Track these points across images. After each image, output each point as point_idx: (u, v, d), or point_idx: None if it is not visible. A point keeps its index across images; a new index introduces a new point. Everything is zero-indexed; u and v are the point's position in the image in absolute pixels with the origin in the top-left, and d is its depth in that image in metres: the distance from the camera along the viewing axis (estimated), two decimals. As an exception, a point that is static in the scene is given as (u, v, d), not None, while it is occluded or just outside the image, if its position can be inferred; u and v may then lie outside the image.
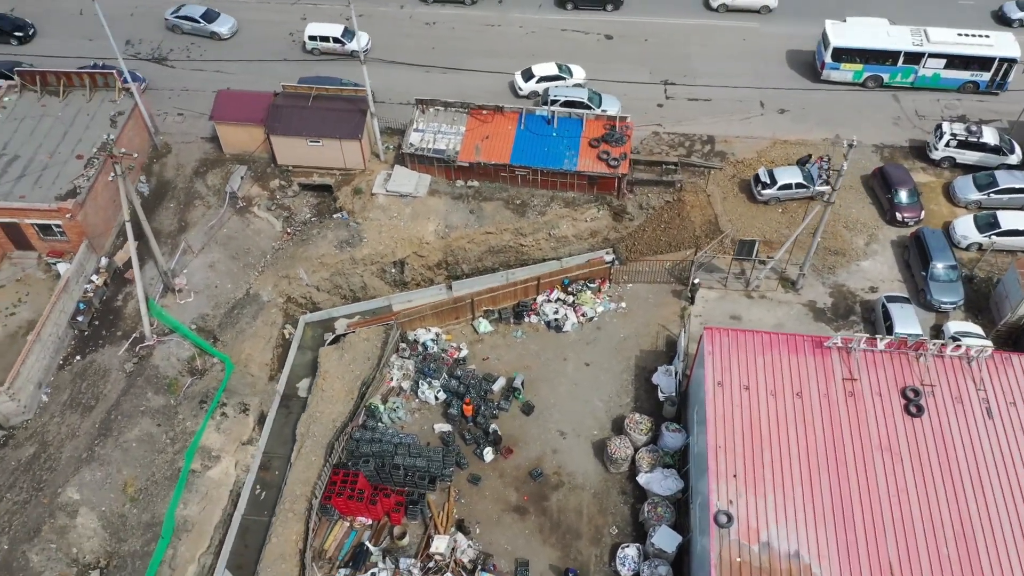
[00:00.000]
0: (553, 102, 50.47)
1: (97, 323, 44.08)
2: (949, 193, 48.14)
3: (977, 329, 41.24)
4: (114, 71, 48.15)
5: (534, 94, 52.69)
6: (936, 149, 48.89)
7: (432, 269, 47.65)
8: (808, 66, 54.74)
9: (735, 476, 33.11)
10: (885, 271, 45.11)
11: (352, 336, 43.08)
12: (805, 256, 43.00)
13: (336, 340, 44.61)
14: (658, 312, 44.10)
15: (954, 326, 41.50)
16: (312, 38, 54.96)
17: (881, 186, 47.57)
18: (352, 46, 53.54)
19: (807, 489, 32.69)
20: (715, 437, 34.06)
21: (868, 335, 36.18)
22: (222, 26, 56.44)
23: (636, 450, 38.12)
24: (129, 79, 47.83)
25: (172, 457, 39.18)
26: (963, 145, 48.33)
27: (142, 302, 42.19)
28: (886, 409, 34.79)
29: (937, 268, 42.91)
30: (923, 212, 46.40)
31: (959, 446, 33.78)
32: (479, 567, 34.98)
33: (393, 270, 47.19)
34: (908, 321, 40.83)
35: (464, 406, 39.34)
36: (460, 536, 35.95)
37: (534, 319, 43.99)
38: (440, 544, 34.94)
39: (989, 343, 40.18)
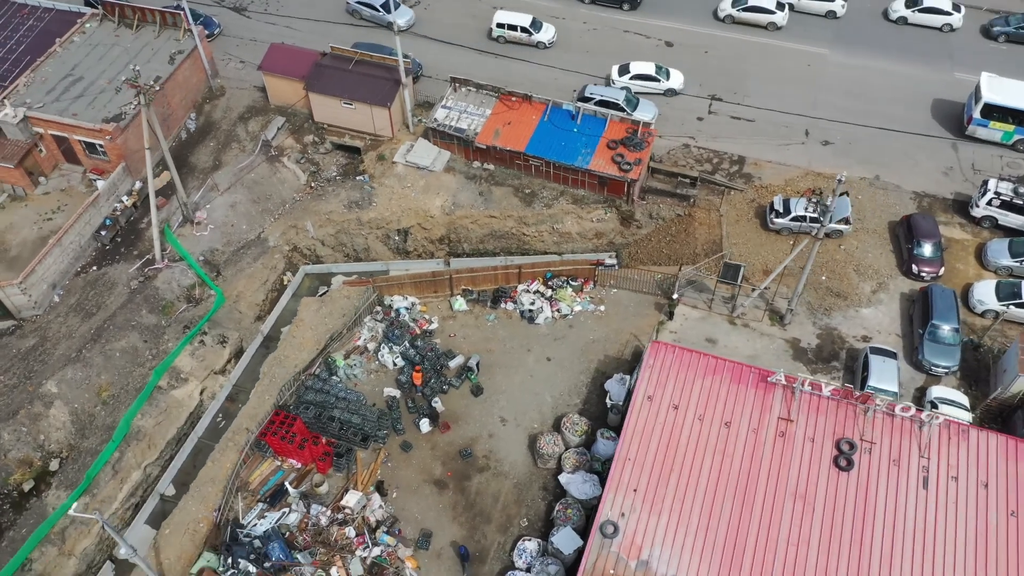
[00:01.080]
0: (588, 99, 50.43)
1: (119, 240, 47.70)
2: (981, 254, 45.10)
3: (963, 399, 38.81)
4: (182, 12, 51.56)
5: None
6: (977, 206, 45.92)
7: (434, 243, 48.83)
8: (863, 100, 52.30)
9: (635, 490, 32.81)
10: (885, 323, 42.95)
11: (335, 291, 44.86)
12: (794, 291, 41.52)
13: (326, 294, 46.55)
14: (635, 321, 43.68)
15: (938, 391, 39.19)
16: (500, 26, 55.26)
17: (905, 235, 45.19)
18: (539, 37, 54.84)
19: (705, 519, 32.02)
20: (626, 448, 33.79)
21: (811, 378, 34.72)
22: (400, 17, 55.49)
23: (567, 449, 38.12)
24: (192, 22, 51.15)
25: (148, 372, 42.10)
26: (1007, 206, 45.16)
27: (155, 227, 45.33)
28: (814, 457, 33.50)
29: (936, 328, 40.57)
30: (943, 268, 43.80)
31: (882, 510, 32.18)
32: (384, 528, 36.02)
33: (396, 237, 48.68)
34: (885, 376, 38.86)
35: (414, 374, 40.42)
36: (376, 496, 37.11)
37: (510, 306, 44.48)
38: (352, 499, 36.24)
39: (969, 416, 37.86)
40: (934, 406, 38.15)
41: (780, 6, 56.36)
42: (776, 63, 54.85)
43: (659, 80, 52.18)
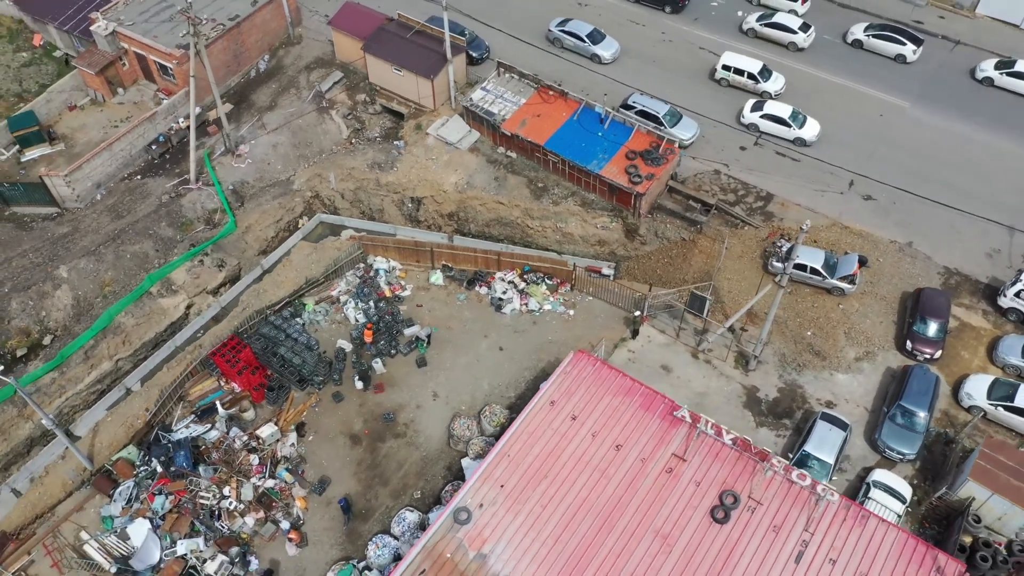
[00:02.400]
0: (629, 107, 49.98)
1: (167, 157, 52.08)
2: (993, 347, 41.42)
3: (905, 490, 36.10)
4: (275, -41, 55.19)
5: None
6: (1005, 295, 42.11)
7: (444, 217, 50.12)
8: (927, 162, 48.53)
9: (502, 486, 32.98)
10: (857, 394, 40.43)
11: (328, 241, 47.13)
12: (759, 339, 39.83)
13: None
14: (598, 332, 43.26)
15: (881, 475, 36.67)
16: (726, 68, 51.83)
17: (912, 308, 42.18)
18: (767, 86, 51.38)
19: (559, 531, 31.80)
20: (510, 444, 33.95)
21: (716, 423, 33.45)
22: (606, 49, 53.72)
23: (479, 436, 38.61)
24: (278, -29, 54.68)
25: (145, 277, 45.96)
26: (1036, 302, 41.20)
27: (192, 150, 49.15)
28: (693, 501, 32.41)
29: (902, 410, 37.91)
30: (941, 352, 40.59)
31: (742, 572, 30.72)
32: (287, 466, 37.96)
33: (410, 205, 50.33)
34: (826, 445, 36.81)
35: (365, 331, 42.02)
36: (293, 435, 39.10)
37: (484, 291, 45.11)
38: (265, 431, 38.45)
39: (901, 508, 35.28)
40: (869, 489, 35.73)
41: (804, 27, 54.39)
42: (848, 106, 51.91)
43: (790, 126, 48.58)
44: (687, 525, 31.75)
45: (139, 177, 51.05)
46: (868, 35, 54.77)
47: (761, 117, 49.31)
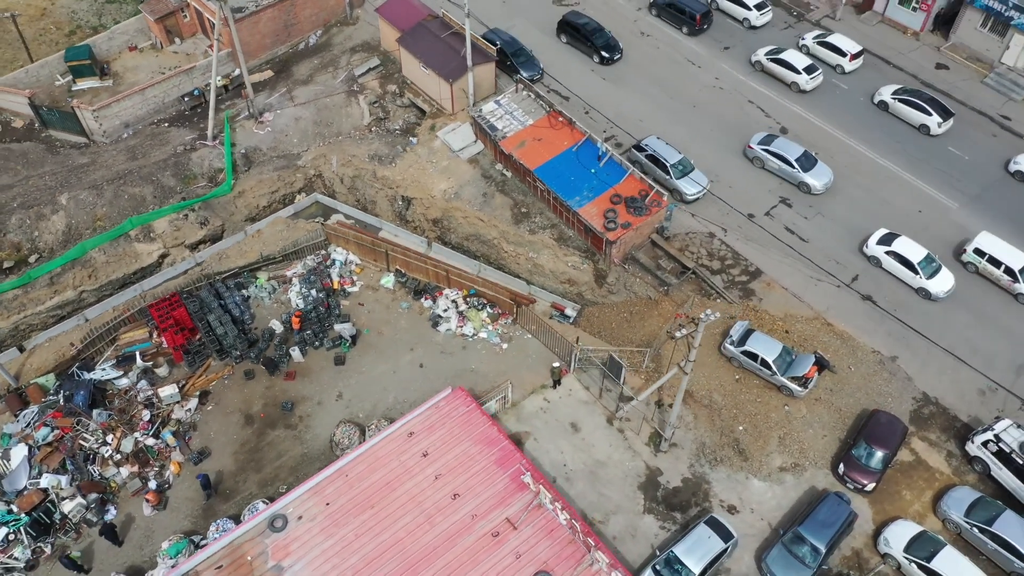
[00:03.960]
0: (640, 149, 47.69)
1: (198, 110, 54.35)
2: (940, 496, 36.76)
3: (771, 625, 32.80)
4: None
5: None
6: (972, 442, 37.26)
7: (429, 222, 49.70)
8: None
9: (328, 504, 32.48)
10: (768, 507, 36.96)
11: (303, 221, 47.78)
12: (668, 422, 37.11)
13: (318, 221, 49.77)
14: (521, 373, 41.62)
15: (748, 600, 33.45)
16: (979, 253, 42.08)
17: (859, 429, 38.10)
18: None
19: (359, 566, 31.09)
20: (352, 465, 33.41)
21: (558, 498, 31.42)
22: (817, 178, 45.45)
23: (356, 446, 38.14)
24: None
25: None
26: (1002, 458, 36.16)
27: (212, 108, 51.04)
28: (505, 573, 30.69)
29: (797, 538, 34.37)
30: (875, 485, 36.45)
31: (525, 661, 28.91)
32: (174, 428, 38.96)
33: (400, 203, 50.23)
34: (696, 552, 33.96)
35: (293, 318, 42.36)
36: (194, 401, 40.08)
37: (427, 304, 44.39)
38: (166, 391, 39.56)
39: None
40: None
41: (809, 69, 51.26)
42: (888, 193, 47.09)
43: (918, 273, 41.73)
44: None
45: (166, 124, 53.54)
46: (895, 98, 50.12)
47: (886, 253, 42.76)
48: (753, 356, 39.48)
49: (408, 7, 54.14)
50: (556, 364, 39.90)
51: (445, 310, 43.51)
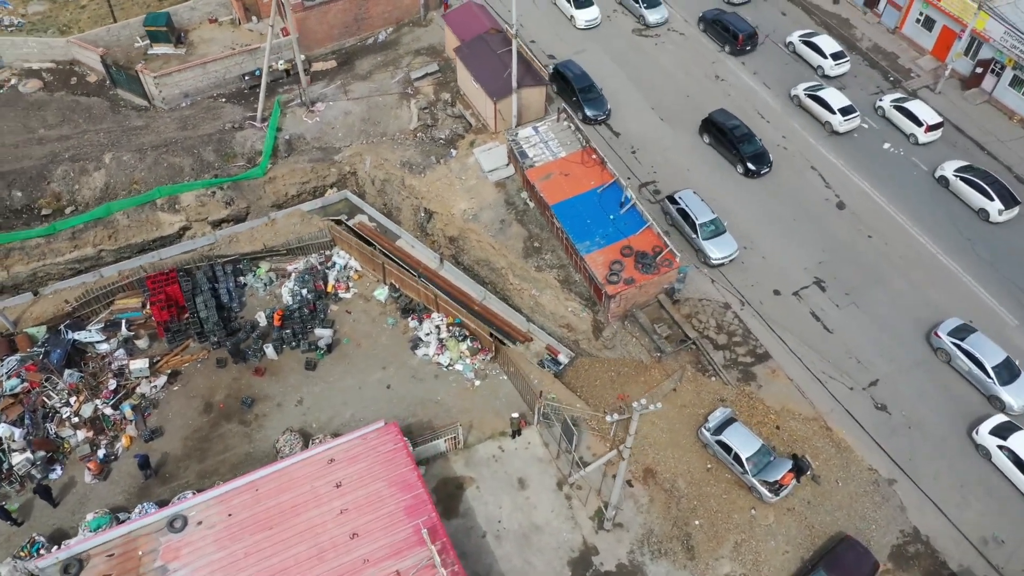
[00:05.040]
0: (673, 201, 45.01)
1: (256, 90, 55.08)
2: (900, 648, 32.70)
3: None
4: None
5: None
6: (952, 596, 32.83)
7: (447, 239, 48.59)
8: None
9: (230, 515, 31.97)
10: (702, 613, 33.92)
11: (316, 218, 47.59)
12: (611, 503, 34.60)
13: (339, 223, 49.56)
14: (485, 416, 39.90)
15: None
16: None
17: (820, 555, 34.47)
18: None
19: (239, 586, 30.31)
20: (265, 480, 32.78)
21: (450, 557, 29.71)
22: (1018, 397, 37.09)
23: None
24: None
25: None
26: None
27: (263, 91, 51.64)
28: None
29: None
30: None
31: None
32: (136, 402, 39.51)
33: (422, 215, 49.32)
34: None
35: (275, 315, 42.16)
36: (161, 379, 40.56)
37: (413, 324, 43.26)
38: (136, 364, 40.22)
39: None
40: None
41: (845, 111, 48.42)
42: (938, 291, 42.49)
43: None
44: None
45: (223, 100, 54.58)
46: (957, 175, 45.56)
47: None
48: (727, 448, 36.28)
49: (473, 17, 52.96)
50: (515, 415, 37.93)
51: (427, 334, 42.23)
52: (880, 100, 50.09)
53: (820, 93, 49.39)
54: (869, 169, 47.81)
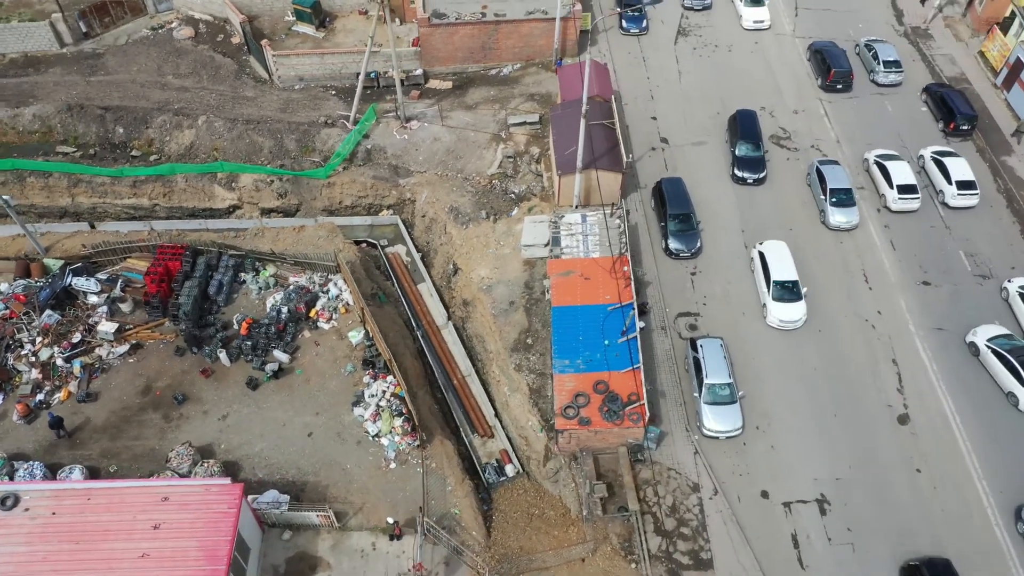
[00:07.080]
0: (694, 348, 39.09)
1: (367, 92, 54.61)
2: None
3: None
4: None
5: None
6: None
7: (462, 300, 45.71)
8: None
9: (54, 514, 31.72)
10: None
11: (341, 238, 46.43)
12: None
13: (372, 246, 48.38)
14: (380, 504, 36.54)
15: None
16: None
17: None
18: None
19: (17, 590, 30.01)
20: (101, 493, 32.18)
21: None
22: None
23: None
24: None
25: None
26: None
27: (357, 96, 51.12)
28: None
29: None
30: None
31: None
32: (89, 362, 40.65)
33: (450, 266, 46.70)
34: None
35: (244, 322, 41.50)
36: (124, 347, 41.40)
37: (367, 379, 40.77)
38: (104, 327, 41.33)
39: None
40: None
41: (907, 189, 44.87)
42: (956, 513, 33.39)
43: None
44: None
45: (332, 92, 54.75)
46: (989, 346, 37.27)
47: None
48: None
49: (580, 79, 48.63)
50: (391, 520, 34.47)
51: (372, 395, 39.58)
52: (923, 150, 47.73)
53: (888, 164, 45.92)
54: (959, 385, 38.30)
